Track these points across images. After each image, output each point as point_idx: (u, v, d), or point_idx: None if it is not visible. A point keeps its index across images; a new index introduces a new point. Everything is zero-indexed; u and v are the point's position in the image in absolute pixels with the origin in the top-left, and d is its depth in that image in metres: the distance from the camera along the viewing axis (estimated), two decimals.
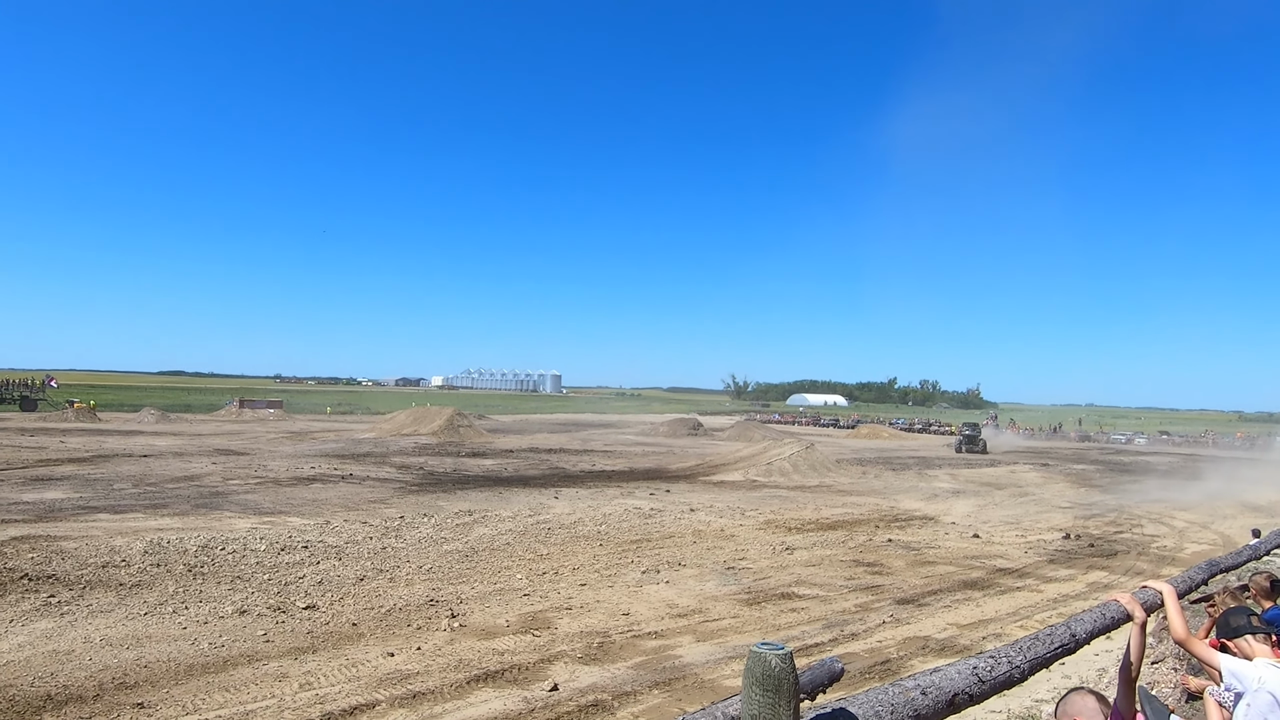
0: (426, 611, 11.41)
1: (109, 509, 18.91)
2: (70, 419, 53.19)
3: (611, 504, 22.43)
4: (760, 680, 1.63)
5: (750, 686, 1.65)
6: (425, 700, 8.25)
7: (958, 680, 2.12)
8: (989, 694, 2.23)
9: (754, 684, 1.64)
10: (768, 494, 26.80)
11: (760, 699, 1.63)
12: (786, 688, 1.63)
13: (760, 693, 1.63)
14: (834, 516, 21.93)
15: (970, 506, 25.29)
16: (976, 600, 13.35)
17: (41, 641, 9.56)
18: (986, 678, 2.21)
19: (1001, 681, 2.29)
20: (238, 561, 13.67)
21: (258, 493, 22.60)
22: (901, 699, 1.92)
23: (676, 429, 65.10)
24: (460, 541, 16.23)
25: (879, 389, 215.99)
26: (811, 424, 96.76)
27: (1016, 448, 63.46)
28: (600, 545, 16.53)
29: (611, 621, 11.29)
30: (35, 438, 38.12)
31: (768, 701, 1.62)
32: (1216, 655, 3.17)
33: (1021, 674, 2.40)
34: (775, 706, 1.61)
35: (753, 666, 1.66)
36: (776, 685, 1.62)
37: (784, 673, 1.64)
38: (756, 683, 1.64)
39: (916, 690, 1.98)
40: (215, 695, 8.16)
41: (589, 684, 8.91)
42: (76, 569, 12.69)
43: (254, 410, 69.77)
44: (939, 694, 2.02)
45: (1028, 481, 34.40)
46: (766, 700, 1.62)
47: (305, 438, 46.06)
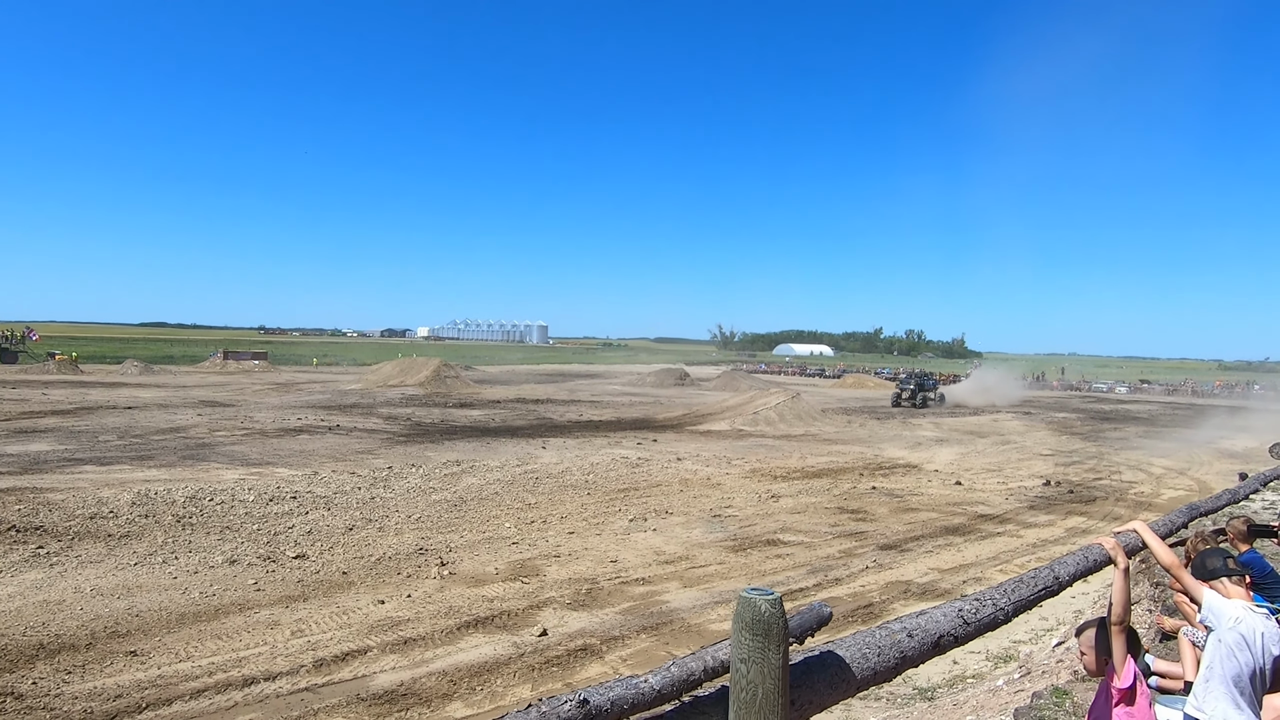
0: (416, 560, 11.51)
1: (95, 461, 18.83)
2: (52, 371, 52.62)
3: (599, 454, 22.55)
4: (750, 625, 1.64)
5: (740, 631, 1.66)
6: (416, 646, 8.36)
7: (943, 623, 2.15)
8: (973, 635, 2.27)
9: (744, 628, 1.65)
10: (754, 443, 27.01)
11: (750, 643, 1.64)
12: (776, 632, 1.64)
13: (750, 637, 1.64)
14: (819, 465, 22.17)
15: (953, 454, 25.62)
16: (957, 545, 13.61)
17: (31, 592, 9.58)
18: (971, 620, 2.24)
19: (986, 623, 2.32)
20: (226, 512, 13.70)
21: (244, 444, 22.55)
22: (888, 641, 1.94)
23: (663, 379, 65.21)
24: (448, 491, 16.31)
25: (865, 339, 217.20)
26: (798, 374, 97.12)
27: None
28: (588, 494, 16.67)
29: (599, 569, 11.43)
30: (17, 390, 37.73)
31: (757, 645, 1.63)
32: (1202, 587, 3.20)
33: (1006, 616, 2.44)
34: (764, 650, 1.62)
35: (742, 611, 1.66)
36: (766, 629, 1.63)
37: (773, 617, 1.65)
38: (746, 627, 1.64)
39: (903, 633, 2.00)
40: (208, 643, 8.24)
41: (578, 629, 9.06)
42: (64, 520, 12.68)
43: (238, 362, 69.06)
44: (925, 636, 2.04)
45: (1010, 430, 34.83)
46: (756, 644, 1.63)
47: (291, 389, 45.85)
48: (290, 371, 66.33)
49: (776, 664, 1.62)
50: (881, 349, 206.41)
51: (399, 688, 7.38)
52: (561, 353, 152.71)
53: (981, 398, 55.13)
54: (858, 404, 49.37)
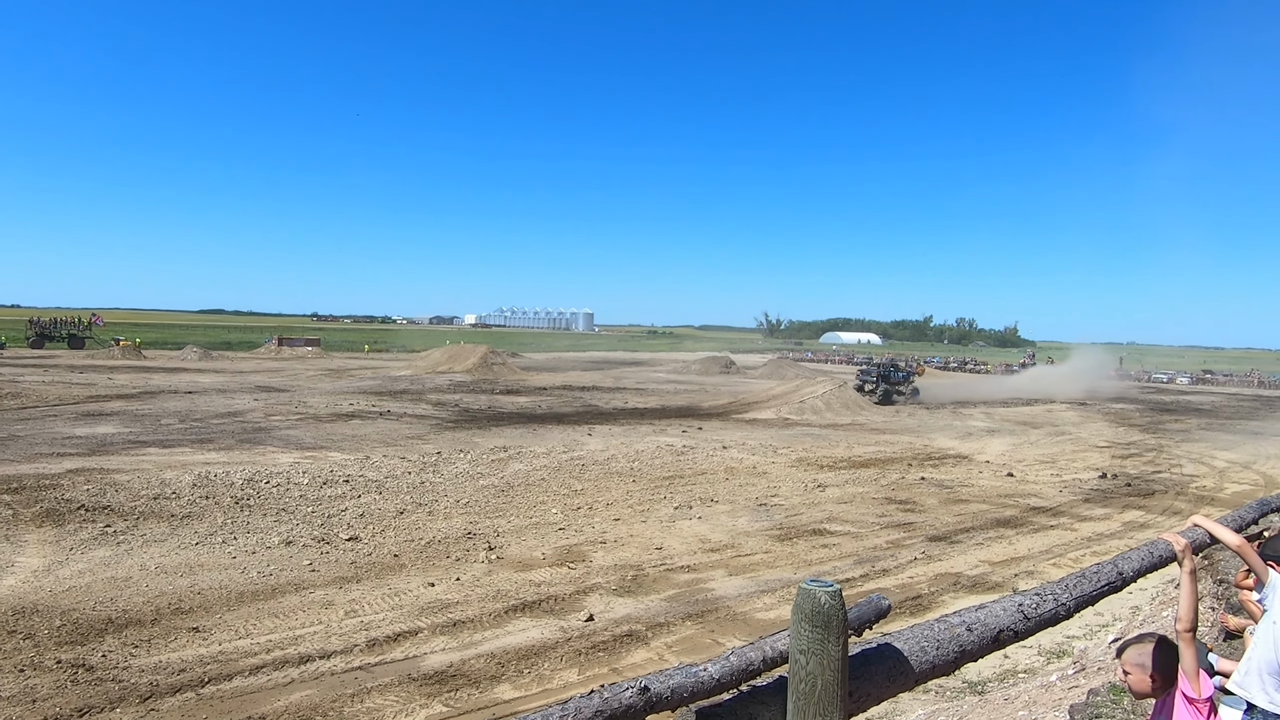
0: (465, 544, 11.69)
1: (158, 443, 19.49)
2: (117, 356, 54.55)
3: (644, 441, 22.61)
4: (810, 616, 1.63)
5: (799, 622, 1.65)
6: (465, 628, 8.50)
7: (1003, 617, 2.11)
8: (1034, 630, 2.22)
9: (803, 619, 1.64)
10: (800, 432, 26.81)
11: (809, 634, 1.63)
12: (835, 624, 1.62)
13: (809, 628, 1.63)
14: (866, 454, 21.92)
15: (1005, 445, 25.11)
16: (1009, 538, 13.35)
17: (100, 568, 9.98)
18: (1032, 615, 2.19)
19: (1047, 618, 2.27)
20: (282, 494, 14.07)
21: (299, 428, 23.12)
22: (947, 635, 1.91)
23: (709, 367, 65.04)
24: (496, 477, 16.52)
25: (914, 327, 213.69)
26: (845, 362, 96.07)
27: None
28: (633, 481, 16.73)
29: (645, 555, 11.48)
30: (84, 375, 39.23)
31: (817, 637, 1.62)
32: (1269, 568, 3.10)
33: (1067, 611, 2.38)
34: (824, 642, 1.61)
35: (802, 603, 1.65)
36: (826, 621, 1.62)
37: (833, 609, 1.63)
38: (806, 618, 1.63)
39: (962, 626, 1.97)
40: (265, 621, 8.49)
41: (623, 615, 9.12)
42: (130, 501, 13.17)
43: (292, 348, 70.74)
44: (984, 630, 2.01)
45: (1065, 420, 33.98)
46: (816, 635, 1.62)
47: (343, 375, 46.82)
48: (342, 358, 67.74)
49: (836, 656, 1.61)
50: (931, 337, 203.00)
51: (449, 668, 7.52)
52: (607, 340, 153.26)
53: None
54: None
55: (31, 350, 59.81)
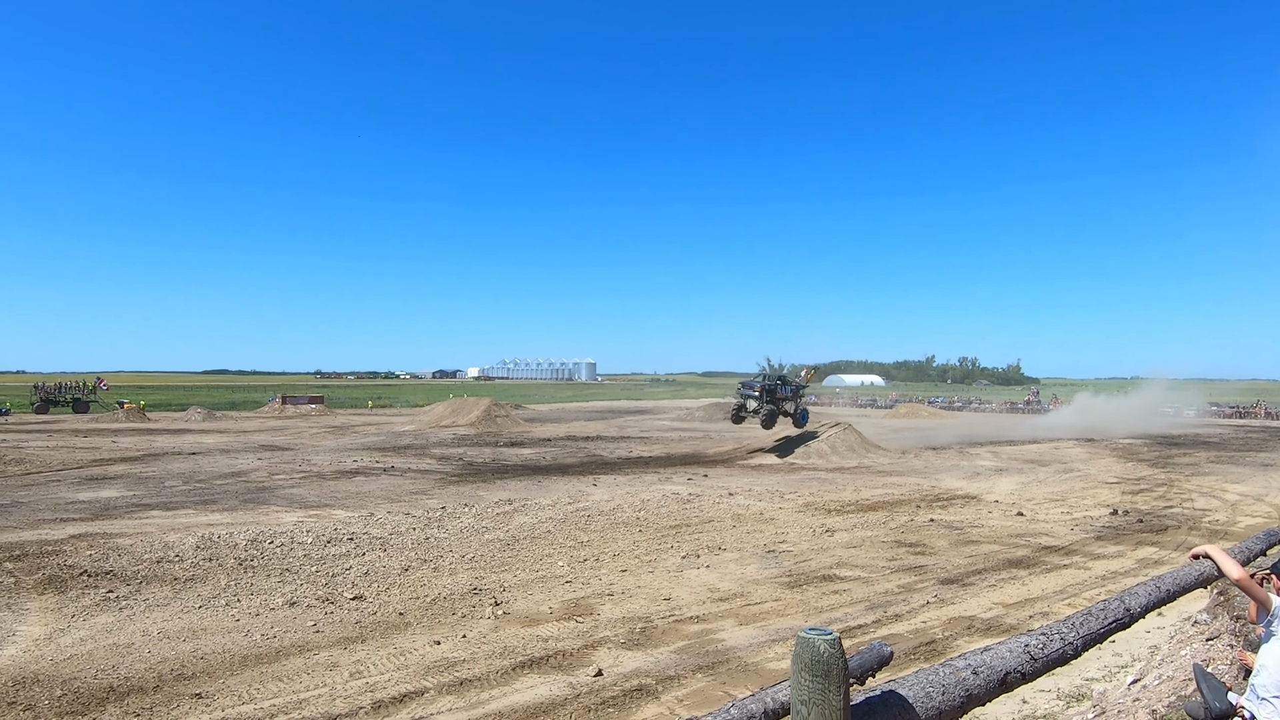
0: (470, 600, 11.55)
1: (161, 506, 19.40)
2: (121, 419, 54.64)
3: (650, 490, 22.47)
4: (809, 666, 1.62)
5: (799, 672, 1.63)
6: (472, 687, 8.36)
7: (1009, 659, 2.08)
8: (1041, 672, 2.19)
9: (803, 669, 1.62)
10: (806, 476, 26.65)
11: (810, 684, 1.61)
12: (836, 672, 1.61)
13: (810, 678, 1.61)
14: (874, 497, 21.75)
15: (1013, 484, 24.91)
16: (1022, 579, 13.17)
17: (102, 635, 9.86)
18: (1039, 655, 2.17)
19: (1054, 659, 2.24)
20: (286, 554, 13.95)
21: (303, 487, 23.03)
22: (952, 679, 1.89)
23: (712, 413, 64.88)
24: (501, 530, 16.39)
25: (916, 367, 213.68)
26: (849, 404, 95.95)
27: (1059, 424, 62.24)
28: (640, 531, 16.58)
29: (653, 607, 11.33)
30: (88, 438, 39.22)
31: (817, 687, 1.60)
32: (1271, 596, 3.10)
33: (1075, 650, 2.35)
34: (825, 691, 1.60)
35: (801, 652, 1.64)
36: (826, 670, 1.60)
37: (833, 658, 1.62)
38: (805, 668, 1.62)
39: (968, 670, 1.94)
40: (269, 685, 8.36)
41: (633, 669, 8.96)
42: (133, 565, 13.06)
43: (296, 406, 70.85)
44: (990, 673, 1.98)
45: (1072, 457, 33.75)
46: (816, 685, 1.61)
47: (347, 432, 46.77)
48: (346, 414, 67.75)
49: (838, 705, 1.59)
50: (934, 377, 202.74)
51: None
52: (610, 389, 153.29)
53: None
54: (912, 434, 48.45)
55: (36, 415, 60.02)
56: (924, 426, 58.16)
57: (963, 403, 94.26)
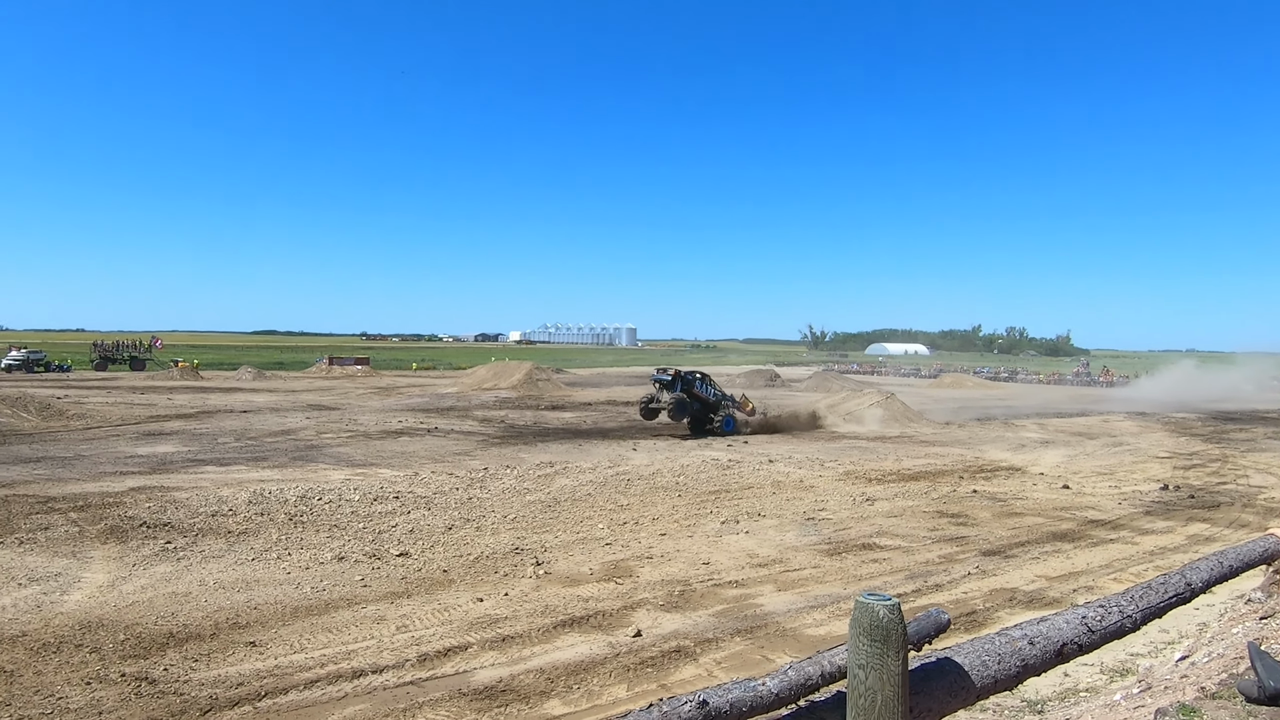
0: (512, 559, 11.76)
1: (215, 461, 20.02)
2: (176, 377, 56.26)
3: (689, 455, 22.55)
4: (868, 631, 1.60)
5: (857, 636, 1.62)
6: (514, 643, 8.53)
7: (1066, 630, 2.05)
8: (1098, 644, 2.15)
9: (861, 634, 1.61)
10: (847, 445, 26.48)
11: (868, 649, 1.60)
12: (895, 638, 1.59)
13: (868, 643, 1.60)
14: (916, 467, 21.55)
15: (1060, 457, 24.46)
16: (1066, 552, 12.98)
17: (161, 584, 10.26)
18: (1096, 628, 2.13)
19: (1113, 631, 2.20)
20: (334, 511, 14.32)
21: (349, 446, 23.55)
22: (1008, 649, 1.86)
23: (753, 380, 64.74)
24: (542, 492, 16.60)
25: (962, 337, 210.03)
26: (892, 373, 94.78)
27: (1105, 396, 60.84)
28: (679, 496, 16.67)
29: (692, 570, 11.41)
30: (145, 395, 40.51)
31: (875, 651, 1.59)
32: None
33: (1133, 624, 2.30)
34: (883, 656, 1.58)
35: (860, 617, 1.63)
36: (885, 636, 1.59)
37: (892, 623, 1.60)
38: (864, 633, 1.61)
39: (1024, 640, 1.91)
40: (320, 635, 8.63)
41: (671, 630, 9.06)
42: (189, 517, 13.52)
43: (342, 367, 72.20)
44: (1047, 644, 1.95)
45: (1122, 430, 33.00)
46: (874, 650, 1.59)
47: (392, 393, 47.59)
48: (391, 376, 68.85)
49: (895, 670, 1.58)
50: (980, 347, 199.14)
51: (498, 684, 7.54)
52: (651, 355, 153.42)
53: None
54: (956, 404, 47.74)
55: (96, 372, 62.09)
56: (969, 397, 57.27)
57: (1009, 373, 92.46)
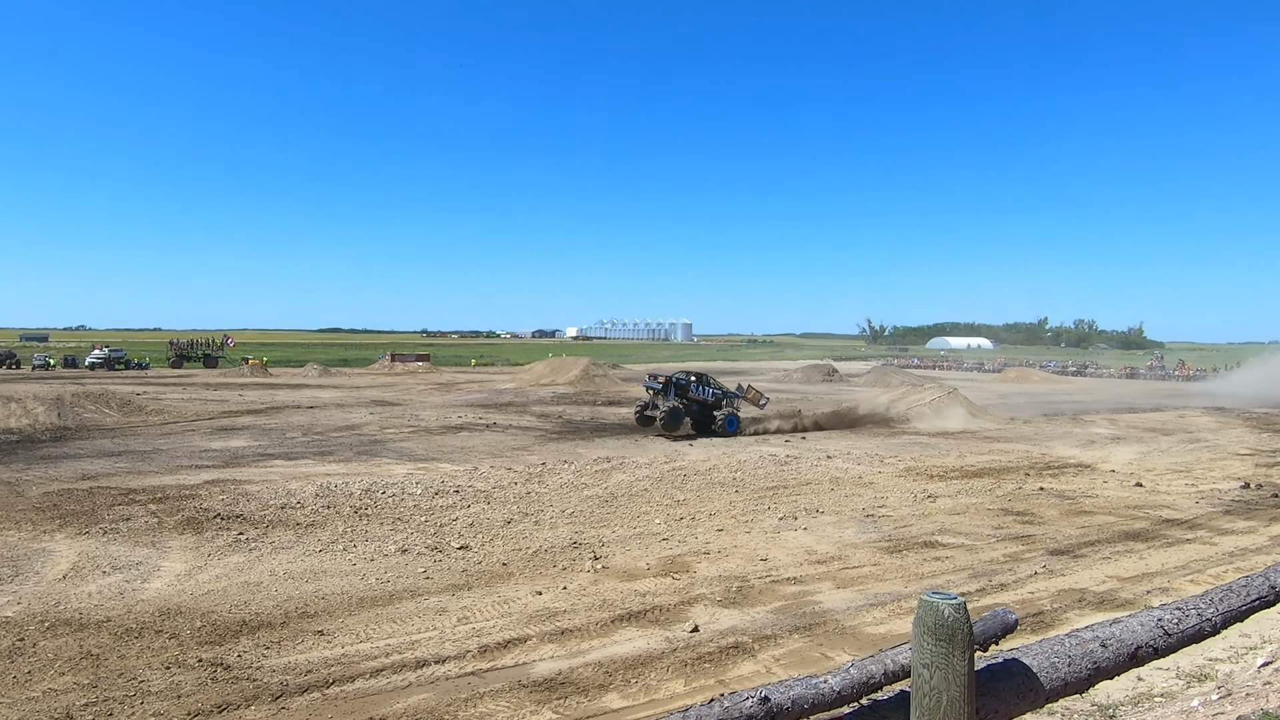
0: (570, 553, 11.86)
1: (284, 456, 20.66)
2: (246, 374, 58.36)
3: (746, 451, 22.42)
4: (932, 629, 1.57)
5: (922, 635, 1.59)
6: (573, 636, 8.62)
7: (1141, 633, 1.98)
8: (1175, 648, 2.07)
9: (926, 633, 1.58)
10: (907, 441, 26.00)
11: (933, 648, 1.57)
12: (960, 637, 1.56)
13: (933, 642, 1.57)
14: (979, 464, 21.05)
15: (1132, 454, 23.60)
16: (1139, 552, 12.52)
17: (234, 573, 10.64)
18: (1173, 631, 2.05)
19: (1190, 635, 2.11)
20: (397, 504, 14.65)
21: (411, 441, 24.05)
22: (1079, 651, 1.81)
23: (810, 375, 64.08)
24: (599, 487, 16.70)
25: (1028, 330, 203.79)
26: (954, 368, 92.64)
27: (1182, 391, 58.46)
28: (736, 492, 16.60)
29: (749, 567, 11.35)
30: (218, 392, 42.03)
31: (940, 651, 1.56)
32: None
33: (1213, 627, 2.21)
34: (948, 656, 1.55)
35: (924, 615, 1.60)
36: (950, 635, 1.56)
37: (957, 622, 1.57)
38: (928, 631, 1.58)
39: (1095, 642, 1.86)
40: (384, 625, 8.85)
41: (729, 626, 9.04)
42: (260, 510, 14.00)
43: (404, 364, 73.76)
44: (1120, 646, 1.89)
45: (1199, 426, 31.66)
46: (939, 650, 1.56)
47: (451, 389, 48.43)
48: (450, 372, 70.07)
49: (961, 670, 1.55)
50: (1047, 340, 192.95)
51: (557, 676, 7.63)
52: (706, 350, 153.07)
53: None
54: (1021, 399, 46.46)
55: (172, 370, 64.74)
56: (1035, 392, 55.64)
57: (1077, 367, 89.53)
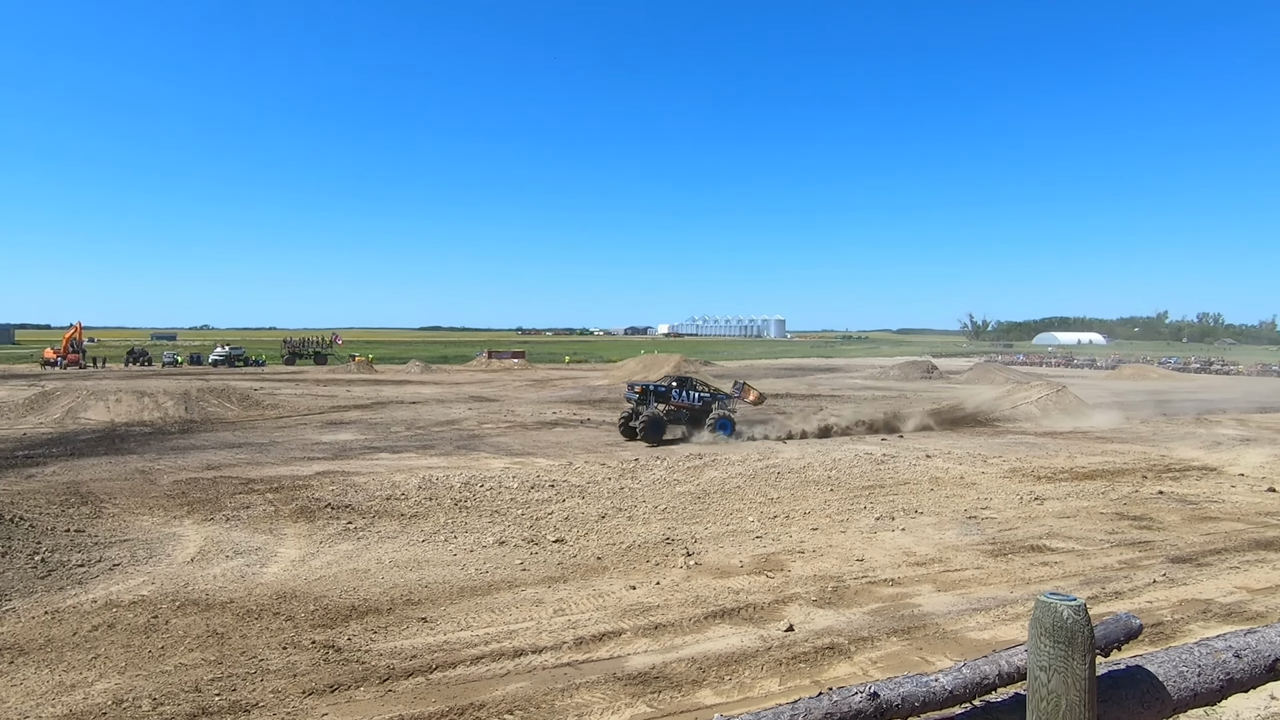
0: (663, 549, 11.92)
1: (388, 449, 21.53)
2: (353, 371, 61.13)
3: (841, 449, 21.99)
4: (1050, 631, 1.51)
5: (1039, 637, 1.54)
6: (666, 632, 8.66)
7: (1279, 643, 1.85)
8: None
9: (1043, 634, 1.52)
10: (1012, 440, 24.96)
11: (1051, 651, 1.51)
12: (1081, 641, 1.50)
13: (1051, 644, 1.51)
14: (1091, 465, 20.01)
15: (1264, 457, 21.94)
16: (1274, 562, 11.64)
17: (344, 560, 11.16)
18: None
19: None
20: (495, 497, 15.05)
21: (508, 436, 24.65)
22: (1210, 660, 1.71)
23: (909, 372, 62.31)
24: (692, 483, 16.71)
25: (1145, 324, 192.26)
26: (1063, 365, 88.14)
27: None
28: (831, 490, 16.31)
29: (845, 567, 11.15)
30: (327, 387, 44.15)
31: (1059, 654, 1.50)
32: None
33: None
34: (1068, 659, 1.49)
35: (1041, 616, 1.54)
36: (1069, 638, 1.50)
37: (1077, 625, 1.51)
38: (1046, 634, 1.52)
39: (1228, 652, 1.74)
40: (483, 615, 9.11)
41: (824, 626, 8.90)
42: (367, 500, 14.63)
43: (500, 360, 75.71)
44: (1256, 658, 1.77)
45: None
46: (1058, 653, 1.50)
47: (546, 385, 49.37)
48: (545, 369, 71.45)
49: (1082, 674, 1.48)
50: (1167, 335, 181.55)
51: (651, 670, 7.68)
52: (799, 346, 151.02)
53: None
54: (1139, 398, 43.87)
55: (285, 366, 68.39)
56: (1153, 390, 52.40)
57: (1201, 364, 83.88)
